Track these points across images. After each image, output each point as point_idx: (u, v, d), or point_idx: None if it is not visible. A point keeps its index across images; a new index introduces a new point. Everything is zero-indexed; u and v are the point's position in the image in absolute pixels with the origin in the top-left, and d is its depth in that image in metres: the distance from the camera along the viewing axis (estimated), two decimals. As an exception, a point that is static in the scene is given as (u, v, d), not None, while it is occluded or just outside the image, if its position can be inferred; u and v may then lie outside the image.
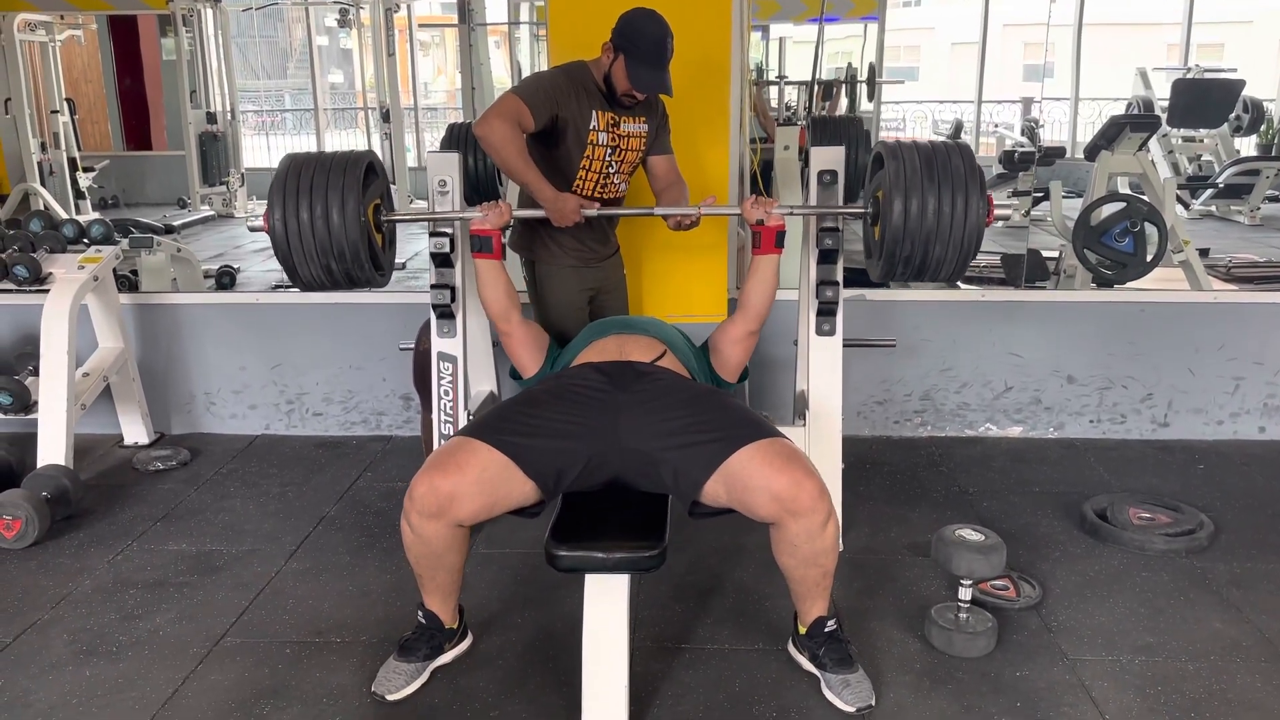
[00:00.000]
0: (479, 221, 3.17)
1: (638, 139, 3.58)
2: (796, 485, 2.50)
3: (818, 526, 2.53)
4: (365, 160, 3.15)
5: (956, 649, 2.89)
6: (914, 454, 4.42)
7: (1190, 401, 4.54)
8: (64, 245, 4.30)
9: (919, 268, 3.05)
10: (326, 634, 3.06)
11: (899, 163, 2.99)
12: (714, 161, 4.09)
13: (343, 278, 3.15)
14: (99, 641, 3.02)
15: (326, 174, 3.07)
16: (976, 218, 2.94)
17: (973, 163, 3.00)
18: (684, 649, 2.95)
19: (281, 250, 3.09)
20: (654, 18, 3.35)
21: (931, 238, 2.96)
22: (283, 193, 3.06)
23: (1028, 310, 4.52)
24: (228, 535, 3.72)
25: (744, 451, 2.56)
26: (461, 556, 2.70)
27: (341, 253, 3.07)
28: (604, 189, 3.58)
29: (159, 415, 4.71)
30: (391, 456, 4.46)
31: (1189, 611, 3.13)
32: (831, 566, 2.66)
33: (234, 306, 4.78)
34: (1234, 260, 7.03)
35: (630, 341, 3.03)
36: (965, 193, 2.94)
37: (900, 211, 2.95)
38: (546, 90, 3.38)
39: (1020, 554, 3.46)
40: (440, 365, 3.46)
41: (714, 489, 2.59)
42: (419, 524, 2.57)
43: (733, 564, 3.43)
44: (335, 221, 3.03)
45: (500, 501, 2.61)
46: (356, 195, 3.05)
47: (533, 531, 2.89)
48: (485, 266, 3.19)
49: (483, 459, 2.58)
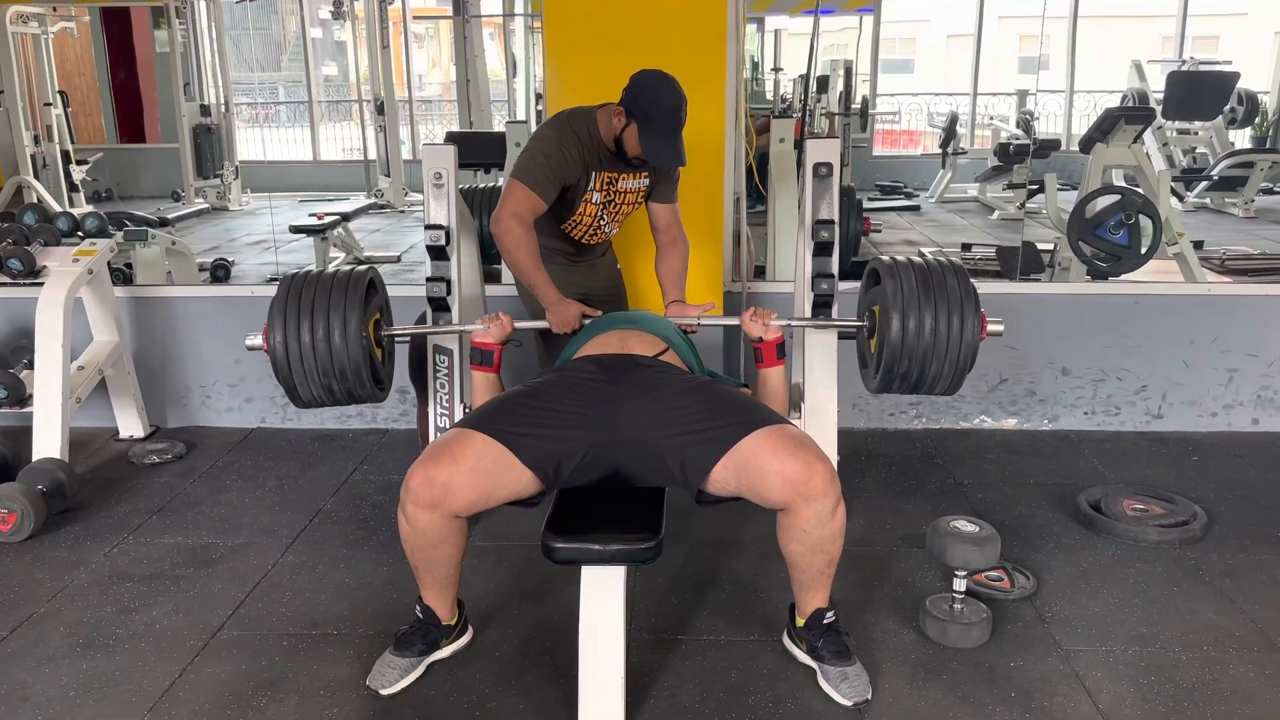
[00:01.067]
0: (481, 335, 3.06)
1: (634, 193, 3.56)
2: (809, 469, 2.50)
3: (828, 511, 2.54)
4: (366, 278, 3.07)
5: (951, 640, 2.90)
6: (909, 446, 4.43)
7: (1184, 393, 4.55)
8: (58, 238, 4.30)
9: (915, 383, 3.05)
10: (323, 626, 3.06)
11: (898, 283, 2.96)
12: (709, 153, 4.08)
13: (344, 396, 3.06)
14: (96, 634, 3.02)
15: (329, 291, 2.98)
16: (972, 337, 2.94)
17: (967, 283, 2.99)
18: (680, 640, 2.96)
19: (283, 372, 2.98)
20: (669, 84, 3.26)
21: (929, 355, 2.95)
22: (283, 314, 2.96)
23: (1023, 303, 4.53)
24: (224, 528, 3.72)
25: (755, 436, 2.57)
26: (458, 549, 2.70)
27: (343, 373, 2.98)
28: (594, 236, 3.63)
29: (154, 408, 4.71)
30: (388, 449, 4.46)
31: (1182, 602, 3.15)
32: (837, 554, 2.66)
33: (229, 299, 4.78)
34: (1228, 253, 7.04)
35: (632, 336, 3.02)
36: (961, 313, 2.93)
37: (898, 330, 2.94)
38: (551, 167, 3.33)
39: (1015, 545, 3.47)
40: (436, 358, 3.46)
41: (722, 475, 2.59)
42: (415, 515, 2.57)
43: (729, 556, 3.43)
44: (337, 341, 2.95)
45: (497, 491, 2.60)
46: (359, 313, 2.98)
47: (529, 524, 2.90)
48: (482, 379, 3.07)
49: (478, 449, 2.58)
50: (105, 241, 4.30)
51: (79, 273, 4.12)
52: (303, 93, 10.83)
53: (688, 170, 3.74)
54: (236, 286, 5.89)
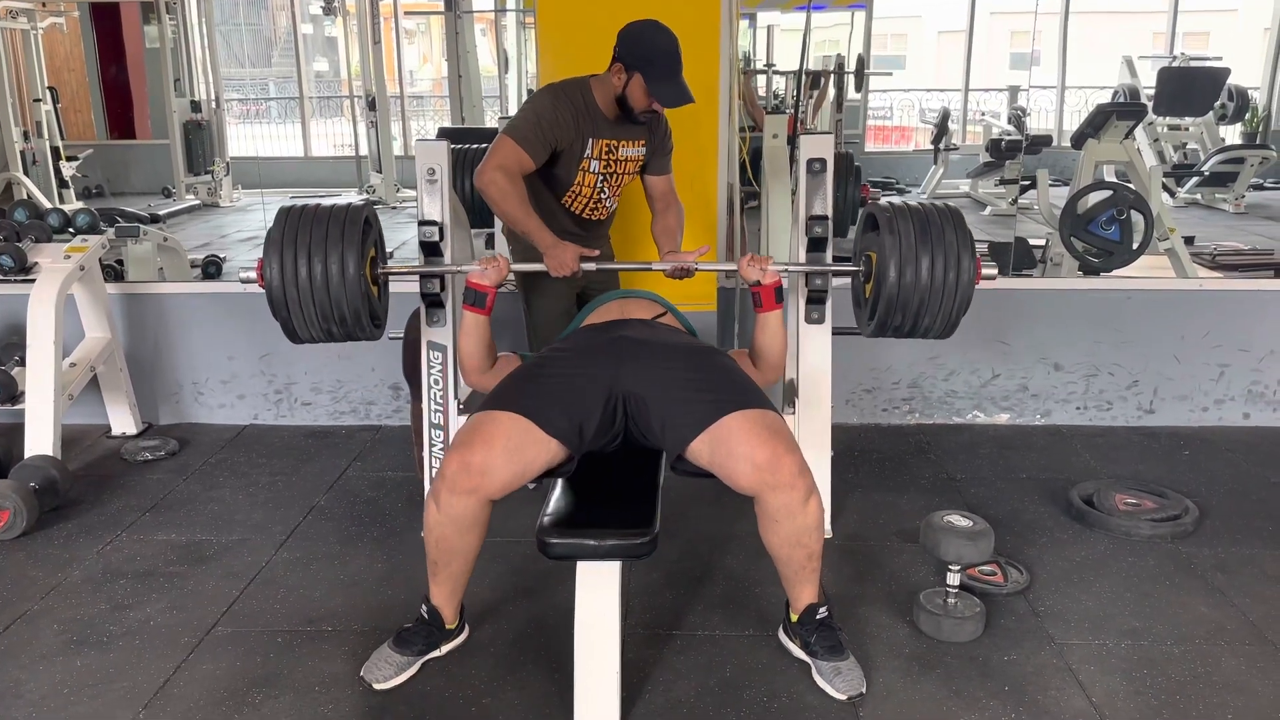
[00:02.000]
0: (477, 276, 3.04)
1: (633, 162, 3.58)
2: (777, 458, 2.51)
3: (798, 503, 2.54)
4: (363, 215, 3.07)
5: (945, 634, 2.91)
6: (902, 441, 4.44)
7: (1176, 388, 4.57)
8: (49, 235, 4.28)
9: (909, 330, 3.11)
10: (318, 623, 3.05)
11: (896, 237, 3.00)
12: (703, 149, 4.08)
13: (342, 338, 3.10)
14: (89, 632, 3.01)
15: (325, 230, 2.96)
16: (967, 283, 3.00)
17: (965, 231, 3.03)
18: (675, 635, 2.96)
19: (279, 309, 2.99)
20: (659, 28, 3.31)
21: (923, 305, 3.01)
22: (280, 248, 2.95)
23: (1015, 298, 4.54)
24: (217, 525, 3.71)
25: (733, 417, 2.58)
26: (480, 539, 2.68)
27: (343, 316, 3.00)
28: (595, 210, 3.62)
29: (147, 405, 4.70)
30: (381, 446, 4.45)
31: (1174, 596, 3.16)
32: (817, 548, 2.66)
33: (221, 296, 4.76)
34: (1219, 248, 7.06)
35: (631, 303, 3.09)
36: (958, 260, 2.98)
37: (895, 280, 2.99)
38: (543, 127, 3.36)
39: (1008, 540, 3.48)
40: (430, 354, 3.45)
41: (699, 448, 2.60)
42: (449, 501, 2.56)
43: (723, 551, 3.43)
44: (335, 283, 2.95)
45: (529, 467, 2.60)
46: (357, 255, 2.98)
47: (524, 520, 2.90)
48: (472, 320, 3.03)
49: (506, 427, 2.59)
50: (97, 238, 4.28)
51: (71, 269, 4.10)
52: (293, 88, 10.81)
53: (681, 166, 3.75)
54: (228, 283, 5.86)
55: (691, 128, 4.03)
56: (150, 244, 5.45)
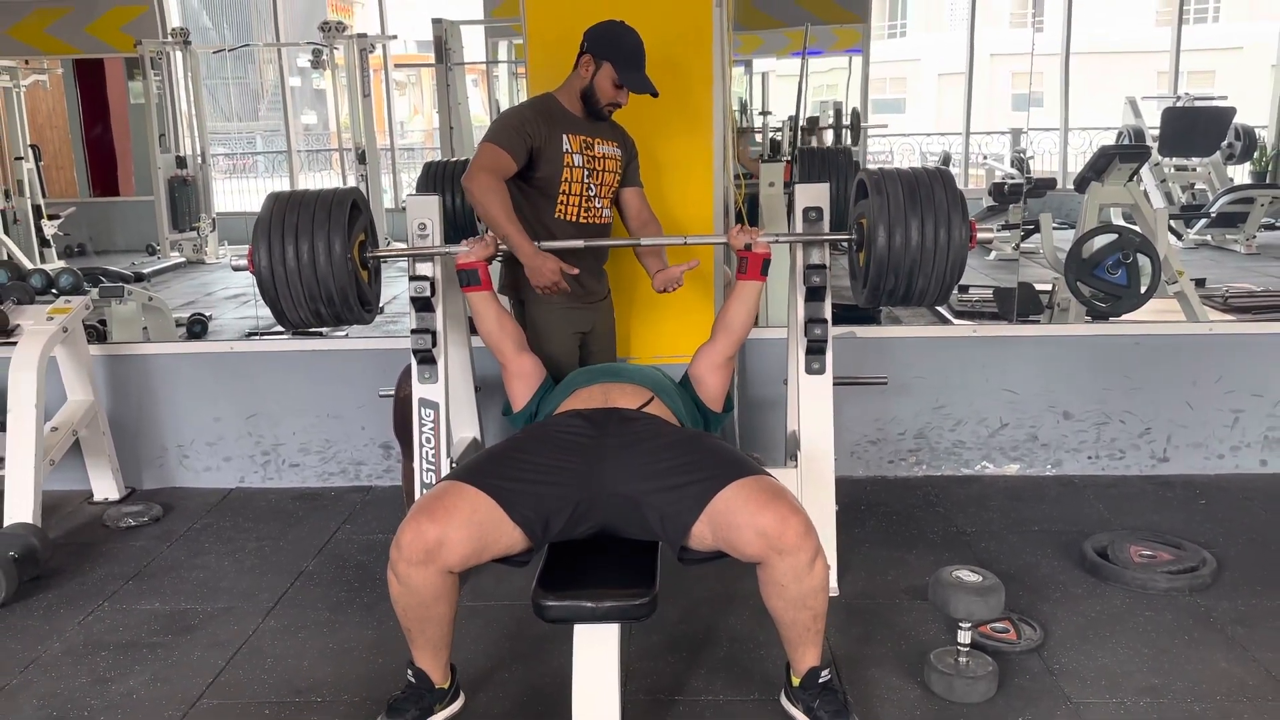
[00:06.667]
0: (464, 255, 3.19)
1: (613, 160, 3.65)
2: (782, 521, 2.46)
3: (805, 564, 2.48)
4: (350, 198, 3.16)
5: (957, 695, 2.83)
6: (909, 494, 4.36)
7: (1189, 435, 4.49)
8: (32, 296, 4.23)
9: (904, 295, 3.14)
10: (307, 693, 2.97)
11: (884, 198, 3.05)
12: (697, 198, 4.04)
13: (331, 319, 3.20)
14: (70, 707, 2.92)
15: (312, 213, 3.07)
16: (960, 244, 3.03)
17: (955, 191, 3.06)
18: (678, 700, 2.89)
19: (268, 293, 3.10)
20: (624, 25, 3.50)
21: (916, 267, 3.04)
22: (268, 234, 3.06)
23: (1021, 345, 4.50)
24: (203, 593, 3.62)
25: (729, 489, 2.53)
26: (451, 608, 2.63)
27: (330, 296, 3.10)
28: (588, 213, 3.62)
29: (130, 469, 4.61)
30: (371, 507, 4.37)
31: (1193, 651, 3.08)
32: (822, 609, 2.59)
33: (207, 355, 4.70)
34: (1231, 290, 7.03)
35: (615, 389, 3.01)
36: (949, 222, 3.02)
37: (884, 243, 3.04)
38: (516, 126, 3.47)
39: (1020, 595, 3.40)
40: (422, 412, 3.40)
41: (701, 531, 2.55)
42: (406, 573, 2.51)
43: (725, 613, 3.36)
44: (322, 264, 3.05)
45: (489, 546, 2.55)
46: (343, 236, 3.06)
47: (519, 583, 2.83)
48: (476, 299, 3.20)
49: (470, 502, 2.54)
50: (80, 299, 4.23)
51: (53, 331, 4.04)
52: (281, 142, 10.84)
53: (679, 215, 3.72)
54: (214, 342, 5.81)
55: (682, 180, 4.03)
56: (135, 304, 5.40)
